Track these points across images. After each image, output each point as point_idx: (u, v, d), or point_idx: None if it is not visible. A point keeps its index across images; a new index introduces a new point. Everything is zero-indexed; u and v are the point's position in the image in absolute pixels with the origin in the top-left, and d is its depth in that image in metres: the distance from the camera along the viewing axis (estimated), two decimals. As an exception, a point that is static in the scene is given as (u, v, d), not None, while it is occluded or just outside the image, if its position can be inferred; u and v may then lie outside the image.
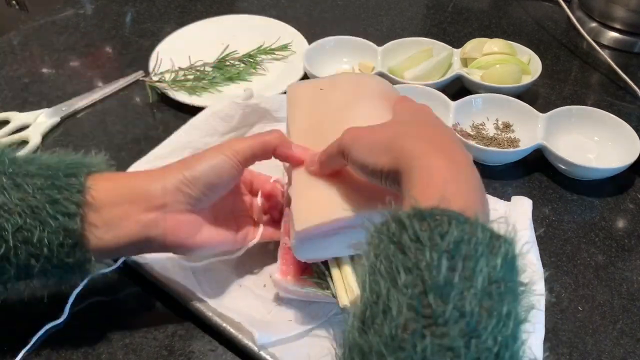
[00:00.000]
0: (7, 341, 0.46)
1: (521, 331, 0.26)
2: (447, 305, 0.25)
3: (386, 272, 0.27)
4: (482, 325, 0.25)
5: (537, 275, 0.44)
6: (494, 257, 0.27)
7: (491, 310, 0.25)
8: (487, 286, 0.26)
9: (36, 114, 0.68)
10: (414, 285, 0.26)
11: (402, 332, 0.25)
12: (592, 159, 0.61)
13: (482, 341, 0.25)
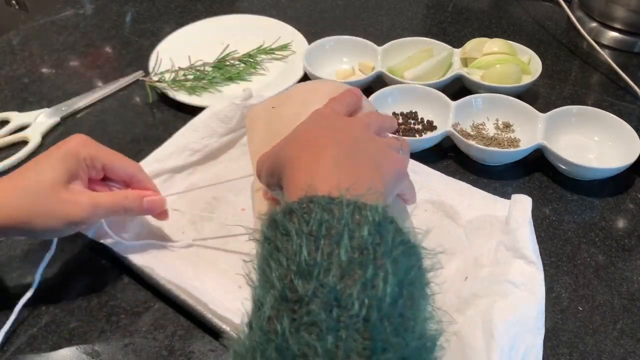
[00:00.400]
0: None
1: (393, 291, 0.26)
2: (310, 283, 0.26)
3: (263, 273, 0.28)
4: (346, 293, 0.25)
5: (536, 274, 0.44)
6: (358, 227, 0.27)
7: (355, 277, 0.26)
8: (352, 256, 0.26)
9: (36, 113, 0.68)
10: (284, 276, 0.27)
11: (270, 324, 0.25)
12: (592, 159, 0.61)
13: (346, 308, 0.25)
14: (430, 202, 0.55)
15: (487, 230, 0.51)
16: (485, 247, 0.48)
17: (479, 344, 0.40)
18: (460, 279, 0.48)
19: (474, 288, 0.45)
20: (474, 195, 0.55)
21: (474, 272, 0.47)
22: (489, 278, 0.45)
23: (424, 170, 0.58)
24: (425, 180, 0.57)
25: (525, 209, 0.48)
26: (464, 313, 0.44)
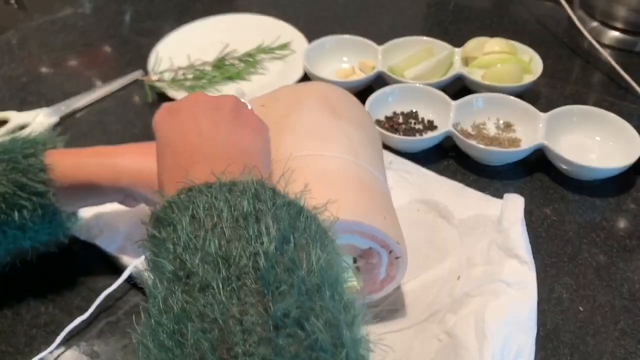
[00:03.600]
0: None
1: (277, 237, 0.28)
2: (197, 255, 0.27)
3: (153, 266, 0.29)
4: (232, 252, 0.26)
5: (528, 273, 0.44)
6: (237, 199, 0.29)
7: (239, 237, 0.27)
8: (234, 224, 0.28)
9: (35, 113, 0.67)
10: (173, 260, 0.27)
11: (165, 303, 0.26)
12: (593, 158, 0.61)
13: (233, 262, 0.26)
14: (424, 201, 0.55)
15: (480, 229, 0.51)
16: (478, 247, 0.48)
17: (472, 344, 0.40)
18: (453, 279, 0.48)
19: (467, 287, 0.45)
20: (467, 195, 0.55)
21: (467, 271, 0.47)
22: (482, 277, 0.45)
23: (419, 171, 0.58)
24: (419, 180, 0.57)
25: (518, 208, 0.48)
26: (457, 312, 0.44)
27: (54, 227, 0.45)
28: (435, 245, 0.52)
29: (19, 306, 0.49)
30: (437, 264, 0.50)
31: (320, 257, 0.28)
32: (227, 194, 0.29)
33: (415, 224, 0.53)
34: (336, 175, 0.42)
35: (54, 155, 0.44)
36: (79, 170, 0.45)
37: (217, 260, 0.26)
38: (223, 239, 0.27)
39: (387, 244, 0.42)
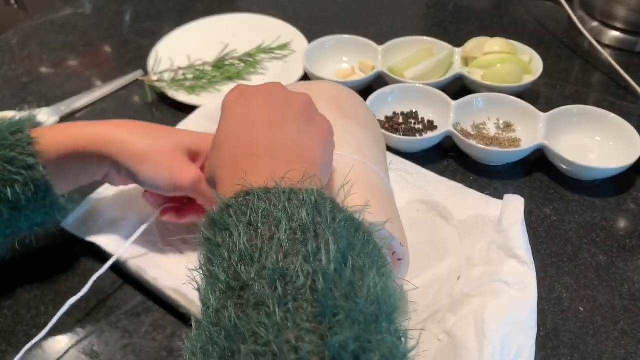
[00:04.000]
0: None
1: (337, 258, 0.26)
2: (252, 267, 0.26)
3: (207, 271, 0.28)
4: (290, 268, 0.25)
5: (528, 273, 0.44)
6: (297, 210, 0.28)
7: (298, 253, 0.26)
8: (293, 237, 0.27)
9: (35, 113, 0.67)
10: (227, 268, 0.27)
11: (218, 315, 0.26)
12: (593, 158, 0.61)
13: (291, 282, 0.25)
14: (423, 202, 0.55)
15: (479, 230, 0.50)
16: (478, 247, 0.48)
17: (472, 344, 0.40)
18: (453, 279, 0.48)
19: (467, 288, 0.45)
20: (467, 195, 0.55)
21: (467, 271, 0.47)
22: (482, 278, 0.45)
23: (418, 171, 0.57)
24: (419, 180, 0.57)
25: (518, 209, 0.48)
26: (456, 313, 0.44)
27: (49, 206, 0.45)
28: (435, 245, 0.52)
29: (19, 306, 0.49)
30: (436, 264, 0.50)
31: (377, 283, 0.27)
32: (286, 202, 0.28)
33: (414, 224, 0.53)
34: (342, 174, 0.42)
35: (39, 130, 0.45)
36: (65, 138, 0.45)
37: (273, 276, 0.25)
38: (280, 253, 0.26)
39: (391, 246, 0.41)
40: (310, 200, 0.28)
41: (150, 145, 0.46)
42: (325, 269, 0.26)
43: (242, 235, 0.27)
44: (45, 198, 0.45)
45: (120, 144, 0.45)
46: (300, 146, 0.34)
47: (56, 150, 0.44)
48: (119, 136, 0.46)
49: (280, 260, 0.26)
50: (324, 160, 0.36)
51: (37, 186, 0.43)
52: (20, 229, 0.46)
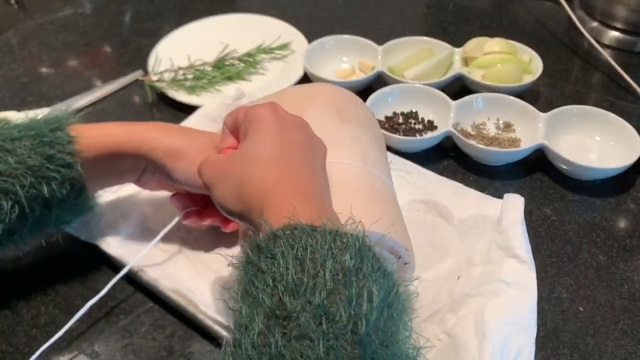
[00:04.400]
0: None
1: (378, 307, 0.28)
2: (298, 300, 0.27)
3: (248, 294, 0.29)
4: (334, 307, 0.27)
5: (528, 273, 0.44)
6: (341, 252, 0.29)
7: (341, 294, 0.27)
8: (337, 277, 0.28)
9: (35, 113, 0.67)
10: (271, 295, 0.28)
11: (261, 339, 0.27)
12: (593, 158, 0.61)
13: (334, 321, 0.26)
14: (423, 201, 0.55)
15: (479, 229, 0.51)
16: (478, 247, 0.48)
17: (472, 344, 0.40)
18: (453, 279, 0.48)
19: (467, 287, 0.45)
20: (467, 194, 0.55)
21: (467, 271, 0.47)
22: (482, 277, 0.45)
23: (418, 171, 0.57)
24: (419, 180, 0.57)
25: (518, 209, 0.48)
26: (456, 313, 0.44)
27: (80, 205, 0.45)
28: (435, 245, 0.52)
29: (19, 306, 0.49)
30: (436, 264, 0.50)
31: (407, 336, 0.29)
32: (331, 243, 0.29)
33: (414, 224, 0.53)
34: (345, 181, 0.42)
35: (78, 128, 0.45)
36: (103, 137, 0.45)
37: (319, 312, 0.26)
38: (325, 291, 0.27)
39: (395, 251, 0.41)
40: (354, 245, 0.30)
41: (186, 143, 0.46)
42: (367, 314, 0.27)
43: (290, 267, 0.28)
44: (78, 197, 0.45)
45: (156, 141, 0.46)
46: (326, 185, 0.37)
47: (94, 149, 0.44)
48: (155, 135, 0.46)
49: (325, 298, 0.27)
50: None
51: (72, 185, 0.43)
52: (48, 227, 0.46)
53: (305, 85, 0.52)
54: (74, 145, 0.43)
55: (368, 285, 0.28)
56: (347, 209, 0.39)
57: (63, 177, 0.43)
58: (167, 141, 0.46)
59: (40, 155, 0.42)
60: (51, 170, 0.42)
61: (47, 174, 0.42)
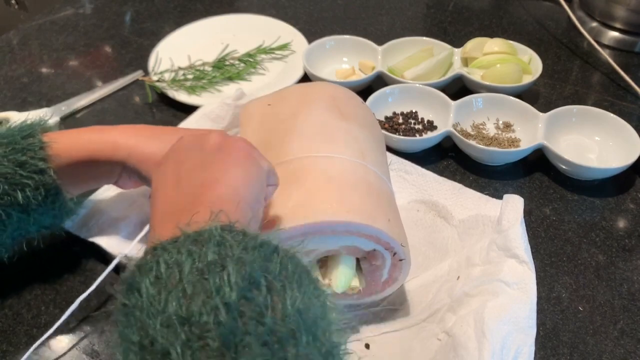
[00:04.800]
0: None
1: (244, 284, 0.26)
2: (157, 319, 0.26)
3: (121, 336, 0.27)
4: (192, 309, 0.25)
5: (528, 273, 0.44)
6: (201, 249, 0.28)
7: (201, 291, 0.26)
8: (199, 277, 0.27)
9: (35, 113, 0.68)
10: (139, 328, 0.26)
11: None
12: (592, 158, 0.61)
13: (195, 322, 0.25)
14: (423, 202, 0.55)
15: (479, 229, 0.51)
16: (478, 247, 0.48)
17: (472, 344, 0.40)
18: (452, 278, 0.48)
19: (467, 287, 0.45)
20: (466, 195, 0.55)
21: (466, 271, 0.47)
22: (481, 277, 0.45)
23: (418, 171, 0.58)
24: (418, 180, 0.57)
25: (517, 209, 0.48)
26: (456, 312, 0.44)
27: (58, 209, 0.46)
28: (435, 245, 0.52)
29: (19, 306, 0.49)
30: (436, 264, 0.50)
31: (296, 300, 0.27)
32: (190, 245, 0.28)
33: (414, 224, 0.54)
34: (342, 177, 0.42)
35: (51, 135, 0.45)
36: (77, 144, 0.45)
37: (175, 322, 0.25)
38: (185, 297, 0.26)
39: (391, 247, 0.42)
40: (214, 237, 0.28)
41: (160, 147, 0.46)
42: (229, 298, 0.25)
43: (148, 289, 0.27)
44: (55, 202, 0.45)
45: (129, 148, 0.46)
46: (209, 185, 0.34)
47: (67, 155, 0.45)
48: (129, 142, 0.46)
49: (184, 304, 0.26)
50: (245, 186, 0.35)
51: (47, 190, 0.44)
52: (28, 232, 0.46)
53: (307, 84, 0.53)
54: (46, 151, 0.44)
55: (227, 267, 0.27)
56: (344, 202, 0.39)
57: (36, 183, 0.43)
58: (141, 148, 0.46)
59: (12, 162, 0.42)
60: (24, 177, 0.42)
61: (20, 180, 0.42)
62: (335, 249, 0.42)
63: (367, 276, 0.44)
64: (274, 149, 0.45)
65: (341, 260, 0.42)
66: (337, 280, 0.42)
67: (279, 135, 0.46)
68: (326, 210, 0.39)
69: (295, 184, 0.41)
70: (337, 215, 0.39)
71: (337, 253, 0.42)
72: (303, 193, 0.41)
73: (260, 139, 0.48)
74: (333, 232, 0.40)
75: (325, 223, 0.39)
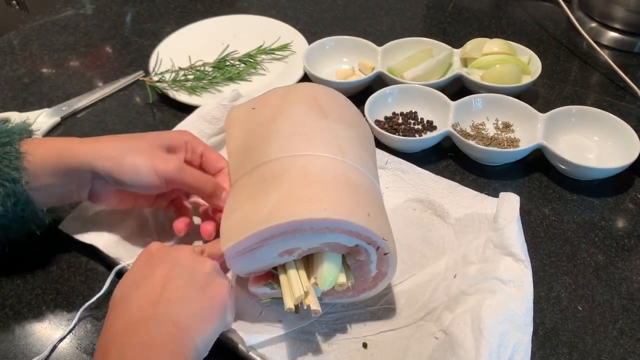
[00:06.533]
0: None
1: None
2: None
3: None
4: None
5: (524, 271, 0.44)
6: None
7: None
8: None
9: (36, 114, 0.68)
10: None
11: None
12: (592, 159, 0.61)
13: None
14: (419, 200, 0.55)
15: (475, 227, 0.51)
16: (474, 245, 0.49)
17: (469, 342, 0.40)
18: (449, 277, 0.48)
19: (463, 286, 0.45)
20: (462, 193, 0.55)
21: (463, 269, 0.47)
22: (478, 275, 0.45)
23: (414, 170, 0.58)
24: (414, 179, 0.57)
25: (514, 207, 0.48)
26: (453, 311, 0.44)
27: (27, 218, 0.46)
28: (431, 243, 0.52)
29: (19, 306, 0.49)
30: (433, 262, 0.50)
31: None
32: None
33: (411, 223, 0.54)
34: (320, 174, 0.42)
35: (28, 144, 0.46)
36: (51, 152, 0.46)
37: None
38: None
39: (373, 241, 0.42)
40: None
41: (126, 146, 0.48)
42: None
43: None
44: (25, 210, 0.46)
45: (96, 151, 0.47)
46: (178, 325, 0.38)
47: (41, 164, 0.45)
48: (96, 146, 0.47)
49: None
50: (210, 325, 0.40)
51: (17, 199, 0.44)
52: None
53: (289, 86, 0.53)
54: (21, 162, 0.44)
55: None
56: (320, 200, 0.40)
57: (7, 190, 0.44)
58: (106, 148, 0.47)
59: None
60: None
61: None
62: (317, 246, 0.42)
63: (355, 272, 0.44)
64: (255, 151, 0.46)
65: (325, 257, 0.42)
66: (323, 278, 0.42)
67: (260, 137, 0.47)
68: (303, 209, 0.39)
69: (274, 185, 0.42)
70: (314, 213, 0.39)
71: (320, 250, 0.42)
72: (281, 193, 0.41)
73: (242, 143, 0.49)
74: (312, 230, 0.40)
75: (303, 221, 0.39)
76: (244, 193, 0.44)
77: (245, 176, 0.45)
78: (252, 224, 0.40)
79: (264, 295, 0.45)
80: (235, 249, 0.41)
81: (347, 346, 0.45)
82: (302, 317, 0.45)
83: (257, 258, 0.42)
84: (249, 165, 0.45)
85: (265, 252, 0.41)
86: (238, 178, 0.46)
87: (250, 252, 0.41)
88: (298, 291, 0.41)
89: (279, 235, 0.40)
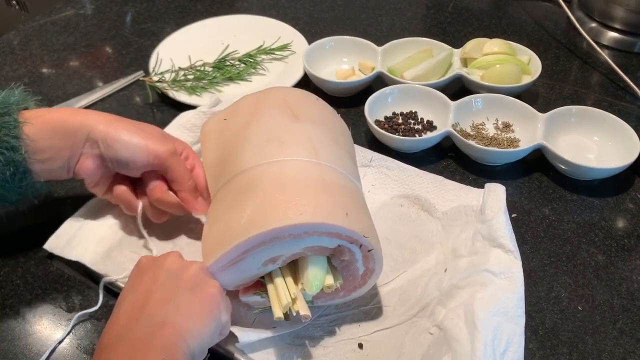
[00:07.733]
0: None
1: None
2: None
3: None
4: None
5: (514, 262, 0.44)
6: None
7: None
8: None
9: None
10: None
11: None
12: (592, 159, 0.61)
13: None
14: (406, 196, 0.55)
15: (462, 220, 0.51)
16: (462, 237, 0.49)
17: (463, 336, 0.40)
18: (440, 271, 0.48)
19: (455, 279, 0.45)
20: (447, 186, 0.55)
21: (453, 263, 0.47)
22: (468, 269, 0.45)
23: (399, 166, 0.58)
24: (399, 175, 0.57)
25: (500, 198, 0.48)
26: (446, 305, 0.44)
27: (25, 187, 0.47)
28: (420, 239, 0.52)
29: (19, 305, 0.49)
30: (423, 258, 0.50)
31: None
32: None
33: (399, 219, 0.54)
34: (293, 179, 0.42)
35: (27, 114, 0.47)
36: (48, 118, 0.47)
37: None
38: None
39: (355, 240, 0.41)
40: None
41: (125, 122, 0.49)
42: None
43: None
44: (23, 180, 0.46)
45: (97, 116, 0.48)
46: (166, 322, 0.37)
47: (39, 130, 0.46)
48: (99, 114, 0.49)
49: None
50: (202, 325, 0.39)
51: (16, 167, 0.45)
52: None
53: (260, 92, 0.52)
54: (19, 130, 0.45)
55: None
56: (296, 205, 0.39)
57: (7, 158, 0.45)
58: (109, 118, 0.49)
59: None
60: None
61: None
62: (299, 251, 0.41)
63: (342, 272, 0.44)
64: (230, 162, 0.45)
65: (309, 261, 0.42)
66: (309, 282, 0.42)
67: (234, 148, 0.46)
68: (279, 217, 0.39)
69: (250, 195, 0.41)
70: (291, 220, 0.39)
71: (304, 255, 0.42)
72: (257, 203, 0.41)
73: (218, 156, 0.48)
74: (292, 236, 0.40)
75: (280, 229, 0.39)
76: (223, 206, 0.44)
77: (223, 189, 0.45)
78: (231, 237, 0.40)
79: (256, 303, 0.45)
80: (218, 264, 0.41)
81: (342, 348, 0.45)
82: (295, 322, 0.45)
83: (242, 269, 0.42)
84: (225, 177, 0.45)
85: (249, 263, 0.41)
86: (216, 191, 0.46)
87: (234, 265, 0.41)
88: (285, 299, 0.41)
89: (258, 245, 0.40)
